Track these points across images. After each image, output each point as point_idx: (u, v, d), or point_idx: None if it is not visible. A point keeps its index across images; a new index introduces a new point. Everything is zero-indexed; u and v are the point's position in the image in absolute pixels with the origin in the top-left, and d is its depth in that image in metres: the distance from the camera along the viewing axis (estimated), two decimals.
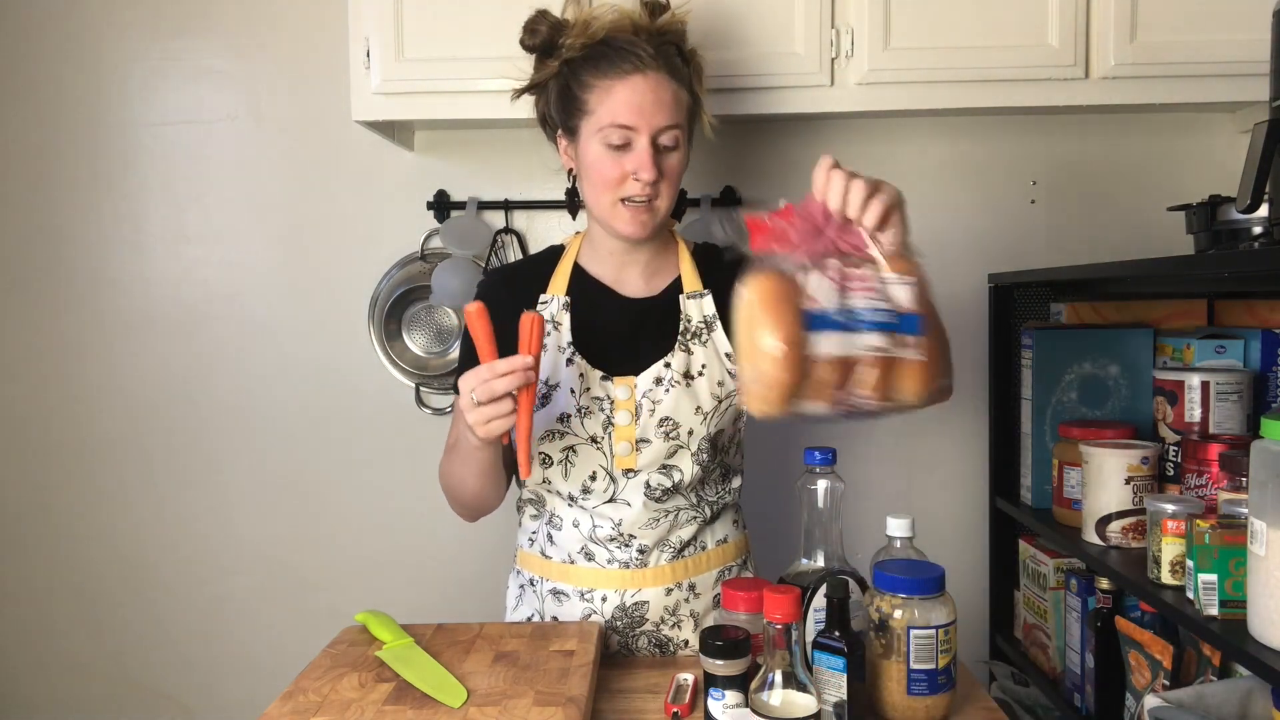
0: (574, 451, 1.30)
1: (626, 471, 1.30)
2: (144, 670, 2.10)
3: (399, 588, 2.05)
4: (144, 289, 2.05)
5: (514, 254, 1.99)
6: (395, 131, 1.92)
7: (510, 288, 1.37)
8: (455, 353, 1.98)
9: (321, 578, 2.07)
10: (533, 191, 1.99)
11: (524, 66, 1.36)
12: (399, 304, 2.00)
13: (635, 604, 1.32)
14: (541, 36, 1.30)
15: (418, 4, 1.70)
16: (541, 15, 1.30)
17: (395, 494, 2.05)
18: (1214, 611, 1.16)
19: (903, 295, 1.00)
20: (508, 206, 1.98)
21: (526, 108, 1.40)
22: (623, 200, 1.25)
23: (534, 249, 2.00)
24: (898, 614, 1.02)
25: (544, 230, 2.01)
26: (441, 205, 1.98)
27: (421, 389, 2.02)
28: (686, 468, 1.31)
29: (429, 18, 1.70)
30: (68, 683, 2.11)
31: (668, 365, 1.30)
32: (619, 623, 1.32)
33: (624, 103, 1.23)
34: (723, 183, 1.96)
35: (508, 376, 1.11)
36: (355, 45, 1.72)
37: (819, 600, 1.06)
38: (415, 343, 2.02)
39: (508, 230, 1.99)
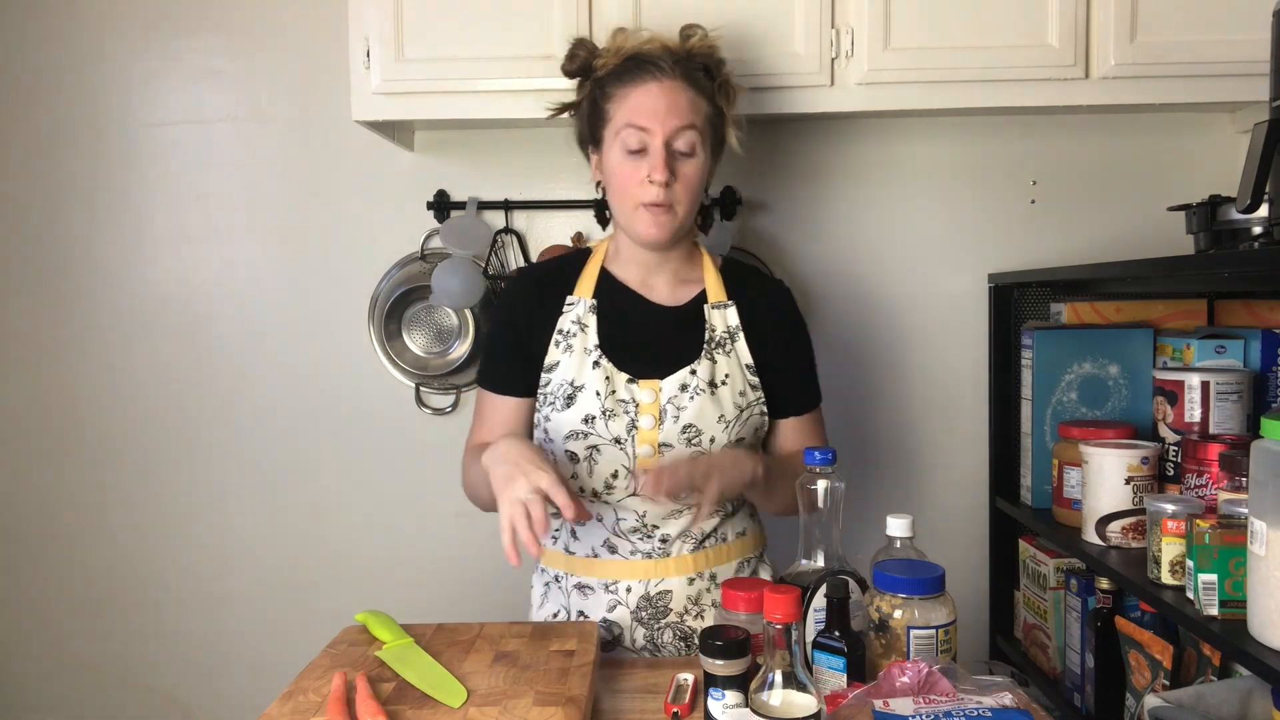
0: (597, 450, 1.32)
1: (646, 471, 1.31)
2: (144, 670, 2.10)
3: (399, 588, 2.05)
4: (144, 289, 2.05)
5: (514, 254, 1.99)
6: (395, 131, 1.92)
7: (540, 288, 1.40)
8: (455, 353, 1.98)
9: (321, 578, 2.07)
10: (533, 191, 1.99)
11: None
12: (399, 304, 2.00)
13: (659, 594, 1.34)
14: (580, 61, 1.36)
15: (418, 4, 1.70)
16: (581, 43, 1.38)
17: (395, 494, 2.05)
18: (1214, 611, 1.16)
19: None
20: (508, 206, 1.98)
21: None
22: (643, 205, 1.29)
23: (534, 249, 2.00)
24: (898, 614, 1.02)
25: (544, 230, 2.01)
26: (441, 205, 1.98)
27: (421, 389, 2.02)
28: None
29: (429, 18, 1.70)
30: (68, 683, 2.11)
31: (693, 372, 1.32)
32: (644, 614, 1.34)
33: (638, 106, 1.28)
34: (723, 183, 1.96)
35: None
36: (355, 45, 1.72)
37: (819, 600, 1.06)
38: (415, 343, 2.02)
39: (508, 230, 1.99)
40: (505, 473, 1.16)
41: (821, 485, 1.13)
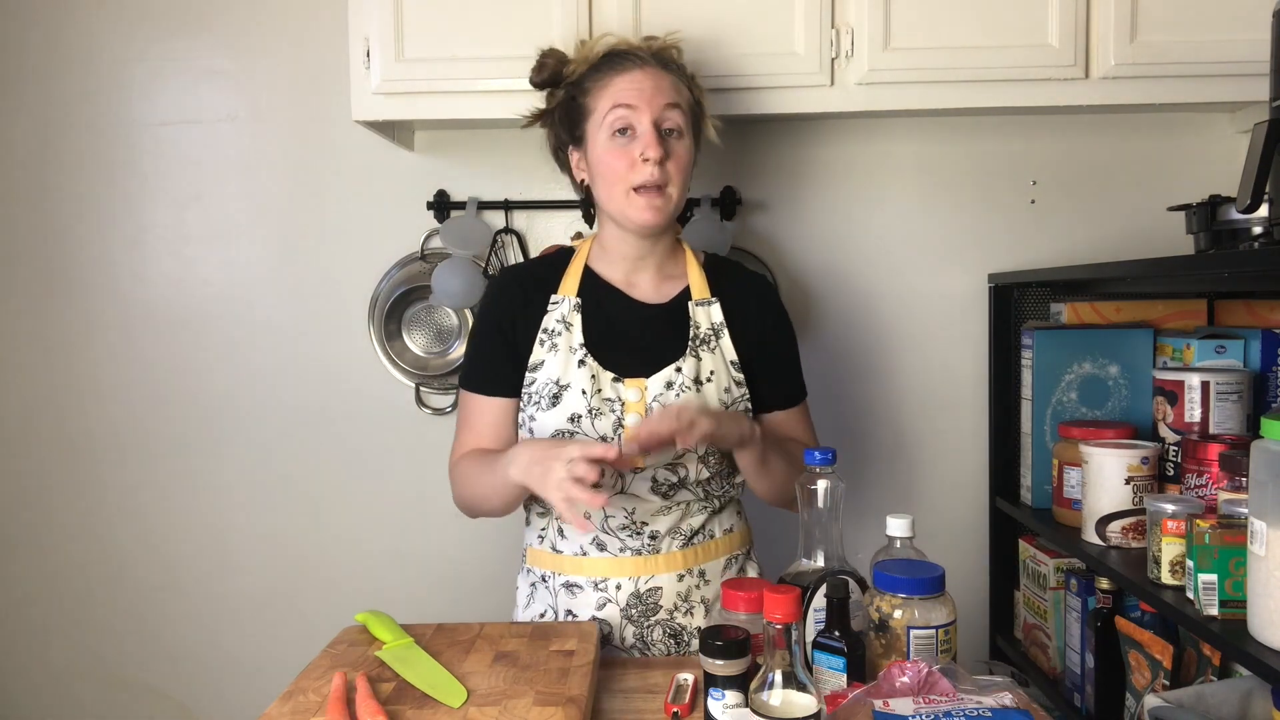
0: None
1: (634, 469, 1.32)
2: (144, 670, 2.10)
3: (399, 588, 2.05)
4: (144, 289, 2.05)
5: (514, 254, 1.99)
6: (395, 131, 1.92)
7: (523, 286, 1.40)
8: (455, 353, 1.98)
9: (321, 578, 2.07)
10: (533, 191, 1.99)
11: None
12: (399, 304, 2.00)
13: (649, 590, 1.34)
14: (549, 70, 1.38)
15: (418, 4, 1.70)
16: (549, 53, 1.38)
17: (395, 494, 2.05)
18: (1214, 611, 1.16)
19: None
20: (508, 206, 1.98)
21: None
22: (635, 189, 1.29)
23: (534, 249, 2.00)
24: (898, 614, 1.02)
25: (544, 230, 2.01)
26: (441, 205, 1.98)
27: (421, 389, 2.02)
28: (692, 468, 1.33)
29: (429, 18, 1.70)
30: (67, 683, 2.11)
31: (679, 370, 1.32)
32: (634, 611, 1.34)
33: (624, 89, 1.29)
34: (722, 183, 1.96)
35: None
36: (355, 45, 1.72)
37: (819, 600, 1.06)
38: (415, 343, 2.02)
39: (508, 230, 1.99)
40: (539, 470, 1.16)
41: (821, 485, 1.13)
